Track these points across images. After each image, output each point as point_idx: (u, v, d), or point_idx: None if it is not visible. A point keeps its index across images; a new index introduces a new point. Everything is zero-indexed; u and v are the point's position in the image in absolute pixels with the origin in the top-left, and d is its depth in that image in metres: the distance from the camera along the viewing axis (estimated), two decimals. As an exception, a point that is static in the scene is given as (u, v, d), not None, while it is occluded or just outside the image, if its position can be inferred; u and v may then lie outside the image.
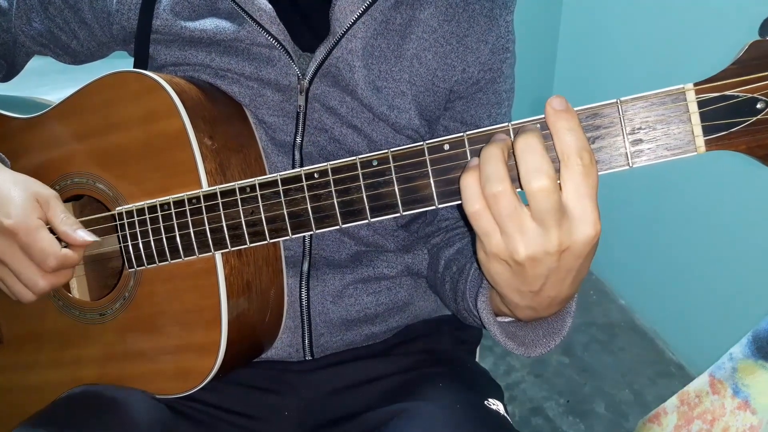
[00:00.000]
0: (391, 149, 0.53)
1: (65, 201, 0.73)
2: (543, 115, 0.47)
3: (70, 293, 0.73)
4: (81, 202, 0.79)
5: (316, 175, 0.56)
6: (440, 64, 0.71)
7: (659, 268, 1.83)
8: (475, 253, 0.53)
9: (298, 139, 0.72)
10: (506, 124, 0.49)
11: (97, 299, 0.71)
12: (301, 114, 0.71)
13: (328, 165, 0.55)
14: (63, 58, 0.83)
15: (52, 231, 0.65)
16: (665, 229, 1.78)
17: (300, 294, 0.73)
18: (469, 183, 0.47)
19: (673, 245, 1.75)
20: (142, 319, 0.68)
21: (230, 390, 0.73)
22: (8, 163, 0.72)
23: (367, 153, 0.54)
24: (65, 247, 0.65)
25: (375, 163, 0.53)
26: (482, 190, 0.46)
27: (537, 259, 0.47)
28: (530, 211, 0.46)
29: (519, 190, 0.47)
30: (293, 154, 0.72)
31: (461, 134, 0.50)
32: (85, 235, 0.65)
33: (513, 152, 0.47)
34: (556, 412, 1.63)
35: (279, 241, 0.70)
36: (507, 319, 0.60)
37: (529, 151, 0.45)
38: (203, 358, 0.65)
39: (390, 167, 0.53)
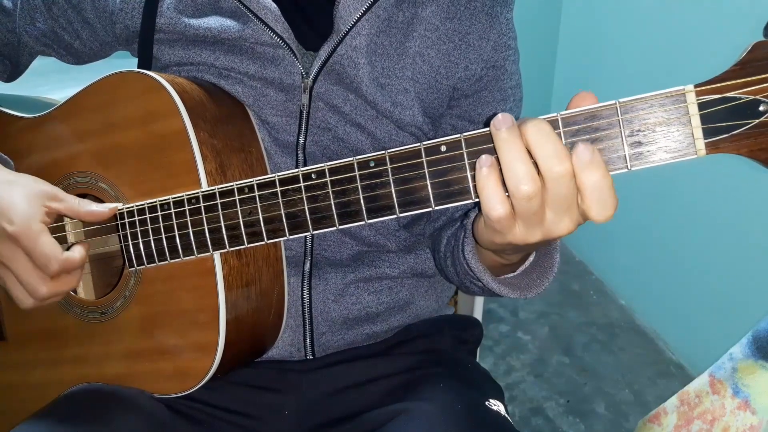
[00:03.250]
0: (389, 150, 0.52)
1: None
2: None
3: (74, 291, 0.74)
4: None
5: (313, 176, 0.56)
6: (443, 62, 0.71)
7: (659, 268, 1.83)
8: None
9: (301, 139, 0.72)
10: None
11: (100, 298, 0.71)
12: (305, 113, 0.71)
13: (325, 165, 0.55)
14: (66, 58, 0.83)
15: (55, 233, 0.65)
16: (665, 229, 1.78)
17: (302, 293, 0.73)
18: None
19: (673, 245, 1.74)
20: (142, 319, 0.68)
21: (230, 389, 0.73)
22: (12, 165, 0.72)
23: (370, 151, 0.54)
24: (67, 249, 0.65)
25: (372, 164, 0.53)
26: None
27: (546, 239, 0.49)
28: (547, 196, 0.46)
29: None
30: (297, 155, 0.72)
31: (458, 135, 0.50)
32: (109, 206, 0.66)
33: (524, 138, 0.46)
34: (556, 412, 1.62)
35: (280, 242, 0.70)
36: (501, 277, 0.63)
37: (546, 136, 0.45)
38: (201, 359, 0.65)
39: (387, 168, 0.52)
